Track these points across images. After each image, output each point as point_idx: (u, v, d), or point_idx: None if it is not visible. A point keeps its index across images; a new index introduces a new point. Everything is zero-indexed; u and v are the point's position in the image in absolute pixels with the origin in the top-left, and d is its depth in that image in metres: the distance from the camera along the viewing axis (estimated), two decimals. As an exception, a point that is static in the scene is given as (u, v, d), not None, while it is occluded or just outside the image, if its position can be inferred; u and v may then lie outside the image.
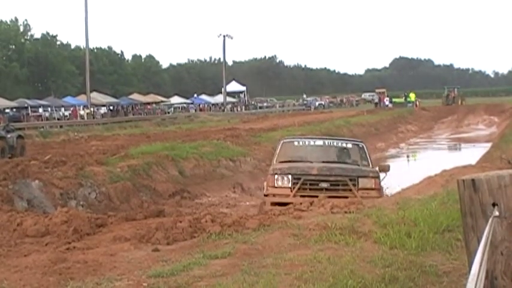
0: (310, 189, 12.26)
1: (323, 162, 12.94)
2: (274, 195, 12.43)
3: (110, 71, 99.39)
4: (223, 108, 79.03)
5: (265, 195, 12.73)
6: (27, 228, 10.11)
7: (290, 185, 12.31)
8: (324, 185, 12.28)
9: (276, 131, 32.68)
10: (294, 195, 12.16)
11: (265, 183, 13.10)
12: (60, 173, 16.28)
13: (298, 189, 12.24)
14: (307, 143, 14.09)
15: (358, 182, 12.27)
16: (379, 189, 12.48)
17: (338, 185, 12.27)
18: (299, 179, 12.29)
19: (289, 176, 12.37)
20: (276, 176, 12.48)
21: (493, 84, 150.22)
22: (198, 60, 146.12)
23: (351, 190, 12.16)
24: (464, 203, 3.08)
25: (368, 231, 7.74)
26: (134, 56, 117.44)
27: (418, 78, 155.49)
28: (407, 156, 35.63)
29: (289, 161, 13.11)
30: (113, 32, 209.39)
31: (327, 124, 39.38)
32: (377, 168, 13.47)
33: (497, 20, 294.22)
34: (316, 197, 11.56)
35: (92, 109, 59.21)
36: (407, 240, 7.15)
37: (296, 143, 14.08)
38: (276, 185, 12.45)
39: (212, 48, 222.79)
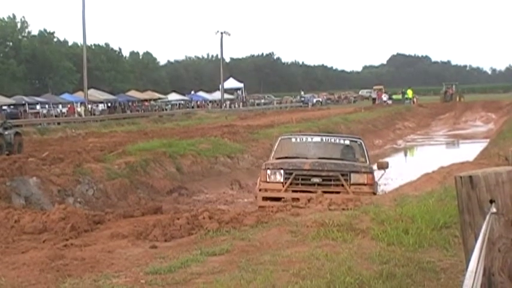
0: (302, 184, 12.33)
1: (319, 158, 12.96)
2: (266, 190, 12.50)
3: (108, 67, 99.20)
4: (220, 105, 78.96)
5: (259, 190, 12.79)
6: (25, 225, 10.10)
7: (282, 180, 12.38)
8: (316, 180, 12.33)
9: (273, 127, 32.65)
10: (286, 190, 12.25)
11: (258, 179, 13.15)
12: (58, 170, 16.27)
13: (290, 184, 12.32)
14: (304, 139, 14.10)
15: (350, 177, 12.29)
16: (372, 184, 12.47)
17: (330, 180, 12.30)
18: (291, 174, 12.36)
19: (281, 171, 12.45)
20: (268, 171, 12.56)
21: (491, 81, 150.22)
22: (195, 57, 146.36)
23: (343, 185, 12.17)
24: (462, 199, 3.08)
25: (366, 228, 7.76)
26: (132, 53, 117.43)
27: (415, 75, 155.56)
28: (405, 153, 35.65)
29: (286, 158, 13.13)
30: (110, 28, 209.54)
31: (324, 121, 39.35)
32: (372, 165, 13.45)
33: (495, 17, 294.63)
34: (308, 192, 11.65)
35: (89, 106, 59.11)
36: (405, 237, 7.16)
37: (294, 140, 14.09)
38: (268, 180, 12.54)
39: (209, 45, 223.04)
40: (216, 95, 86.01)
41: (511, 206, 3.00)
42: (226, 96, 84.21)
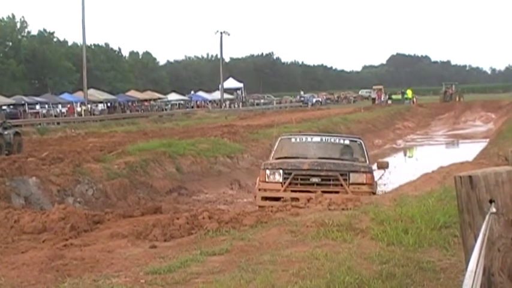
0: (301, 184, 12.34)
1: (319, 158, 12.96)
2: (265, 189, 12.53)
3: (107, 67, 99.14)
4: (220, 105, 78.95)
5: (259, 190, 12.81)
6: (25, 225, 10.11)
7: (281, 180, 12.40)
8: (315, 180, 12.34)
9: (273, 127, 32.62)
10: (285, 190, 12.26)
11: (257, 179, 13.17)
12: (58, 169, 16.26)
13: (289, 184, 12.33)
14: (304, 139, 14.10)
15: (349, 177, 12.30)
16: (371, 184, 12.46)
17: (329, 180, 12.31)
18: (290, 173, 12.38)
19: (280, 171, 12.47)
20: (267, 171, 12.59)
21: (490, 81, 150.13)
22: (195, 56, 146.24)
23: (341, 185, 12.18)
24: (462, 199, 3.08)
25: (365, 227, 7.76)
26: (131, 53, 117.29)
27: (415, 75, 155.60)
28: (405, 153, 35.66)
29: (286, 158, 13.13)
30: (110, 28, 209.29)
31: (324, 121, 39.35)
32: (371, 165, 13.44)
33: (495, 17, 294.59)
34: (308, 192, 11.65)
35: (89, 106, 59.11)
36: (405, 237, 7.16)
37: (293, 140, 14.10)
38: (267, 179, 12.56)
39: (209, 45, 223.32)
40: (216, 95, 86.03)
41: (510, 206, 3.00)
42: (226, 96, 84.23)
